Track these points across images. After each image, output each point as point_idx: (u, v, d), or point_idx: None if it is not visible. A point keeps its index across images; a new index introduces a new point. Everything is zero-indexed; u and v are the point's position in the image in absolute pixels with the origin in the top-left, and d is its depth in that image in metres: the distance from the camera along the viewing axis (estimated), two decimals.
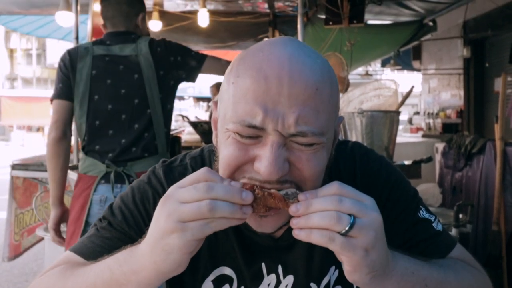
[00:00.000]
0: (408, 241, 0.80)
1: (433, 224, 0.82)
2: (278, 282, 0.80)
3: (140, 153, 1.88)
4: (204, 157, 0.86)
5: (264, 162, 0.64)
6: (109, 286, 0.67)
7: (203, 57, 2.05)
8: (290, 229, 0.79)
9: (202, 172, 0.62)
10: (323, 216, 0.58)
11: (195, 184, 0.60)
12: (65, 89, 1.92)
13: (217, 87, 4.99)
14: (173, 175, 0.83)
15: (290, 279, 0.80)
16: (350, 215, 0.58)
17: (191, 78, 2.07)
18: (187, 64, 2.03)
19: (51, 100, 1.95)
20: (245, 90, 0.64)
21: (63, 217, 1.99)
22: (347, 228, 0.57)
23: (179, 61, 2.00)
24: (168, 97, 2.00)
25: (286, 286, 0.80)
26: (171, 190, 0.62)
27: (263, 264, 0.79)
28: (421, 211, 0.83)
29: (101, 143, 1.91)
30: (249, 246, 0.80)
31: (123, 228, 0.79)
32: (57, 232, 2.00)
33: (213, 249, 0.81)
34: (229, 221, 0.60)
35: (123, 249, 0.69)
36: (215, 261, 0.81)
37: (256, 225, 0.70)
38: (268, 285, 0.80)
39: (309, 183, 0.67)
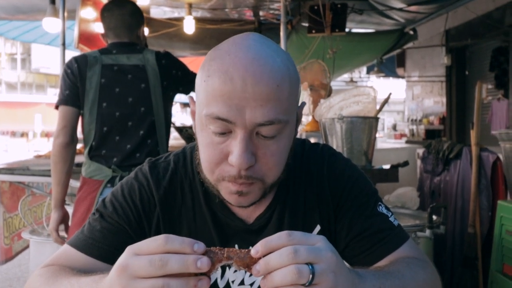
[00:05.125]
0: (365, 230, 0.86)
1: (389, 219, 0.89)
2: None
3: (144, 159, 1.94)
4: (186, 154, 0.95)
5: (235, 154, 0.74)
6: None
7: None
8: (260, 216, 0.89)
9: (160, 241, 0.60)
10: (283, 273, 0.58)
11: (150, 257, 0.59)
12: (72, 96, 1.98)
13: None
14: (157, 169, 0.92)
15: None
16: (308, 263, 0.59)
17: (185, 91, 2.20)
18: (184, 80, 2.15)
19: (57, 106, 2.00)
20: (214, 89, 0.74)
21: (63, 219, 2.06)
22: (310, 279, 0.58)
23: (179, 75, 2.13)
24: (168, 106, 2.12)
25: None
26: (127, 257, 0.61)
27: (236, 246, 0.88)
28: (379, 207, 0.90)
29: (108, 148, 1.99)
30: (223, 229, 0.89)
31: (113, 218, 0.87)
32: (58, 233, 2.06)
33: (193, 235, 0.88)
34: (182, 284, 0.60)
35: (96, 275, 0.71)
36: None
37: (235, 201, 0.80)
38: None
39: (272, 175, 0.79)
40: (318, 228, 0.90)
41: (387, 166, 2.55)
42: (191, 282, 0.59)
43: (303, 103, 0.87)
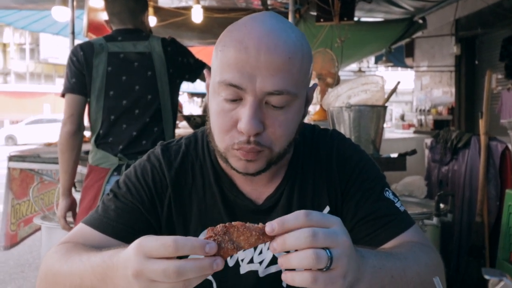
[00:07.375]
0: (371, 214, 0.88)
1: (396, 204, 0.90)
2: None
3: (151, 146, 1.95)
4: (197, 137, 0.98)
5: (243, 119, 0.76)
6: None
7: (203, 65, 2.18)
8: (270, 196, 0.91)
9: (170, 248, 0.58)
10: (301, 257, 0.58)
11: (165, 266, 0.58)
12: (79, 84, 1.97)
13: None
14: (169, 152, 0.95)
15: None
16: (324, 248, 0.59)
17: (191, 79, 2.21)
18: (191, 67, 2.15)
19: (63, 94, 2.00)
20: (229, 58, 0.77)
21: (71, 206, 2.08)
22: (327, 265, 0.59)
23: (185, 62, 2.12)
24: (174, 94, 2.11)
25: (264, 244, 0.90)
26: (139, 261, 0.60)
27: None
28: (386, 192, 0.91)
29: (114, 136, 2.00)
30: (233, 209, 0.91)
31: (127, 198, 0.90)
32: (66, 220, 2.08)
33: (202, 214, 0.91)
34: (199, 279, 0.60)
35: (106, 252, 0.71)
36: (204, 224, 0.90)
37: (242, 167, 0.81)
38: None
39: (279, 144, 0.81)
40: (327, 209, 0.91)
41: (394, 155, 2.54)
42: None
43: (315, 85, 0.88)
